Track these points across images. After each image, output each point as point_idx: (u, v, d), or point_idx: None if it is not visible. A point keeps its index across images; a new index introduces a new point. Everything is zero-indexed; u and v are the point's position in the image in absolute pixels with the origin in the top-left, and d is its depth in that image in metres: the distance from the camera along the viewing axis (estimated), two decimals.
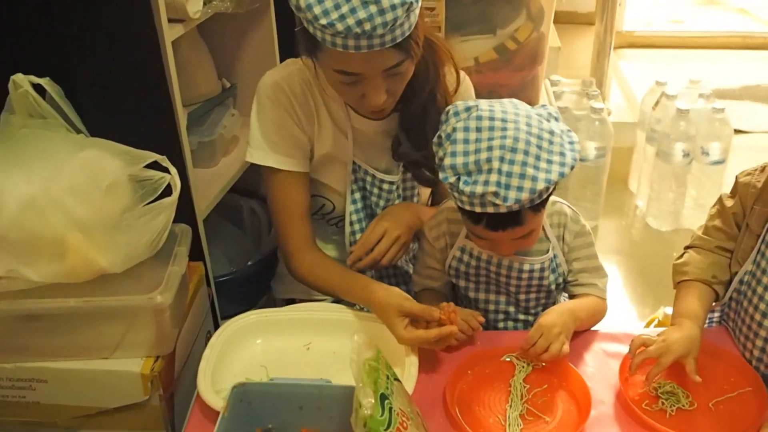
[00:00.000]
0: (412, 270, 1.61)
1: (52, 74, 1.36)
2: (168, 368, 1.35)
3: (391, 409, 1.05)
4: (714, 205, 1.48)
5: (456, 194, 1.23)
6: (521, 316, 1.46)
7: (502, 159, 1.18)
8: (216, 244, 1.85)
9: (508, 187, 1.17)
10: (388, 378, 1.09)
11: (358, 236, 1.55)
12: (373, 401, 1.02)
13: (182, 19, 1.49)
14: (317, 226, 1.61)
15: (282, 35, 1.99)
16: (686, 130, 2.20)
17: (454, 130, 1.23)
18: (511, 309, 1.45)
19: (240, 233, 2.00)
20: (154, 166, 1.35)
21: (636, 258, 2.30)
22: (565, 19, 3.41)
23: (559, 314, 1.32)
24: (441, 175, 1.24)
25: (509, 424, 1.21)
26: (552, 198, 1.40)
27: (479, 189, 1.18)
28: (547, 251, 1.39)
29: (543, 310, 1.43)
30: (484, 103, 1.25)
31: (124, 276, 1.31)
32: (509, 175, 1.17)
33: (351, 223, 1.56)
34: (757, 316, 1.34)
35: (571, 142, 1.24)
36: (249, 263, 1.89)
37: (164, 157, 1.34)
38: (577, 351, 1.36)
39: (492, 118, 1.21)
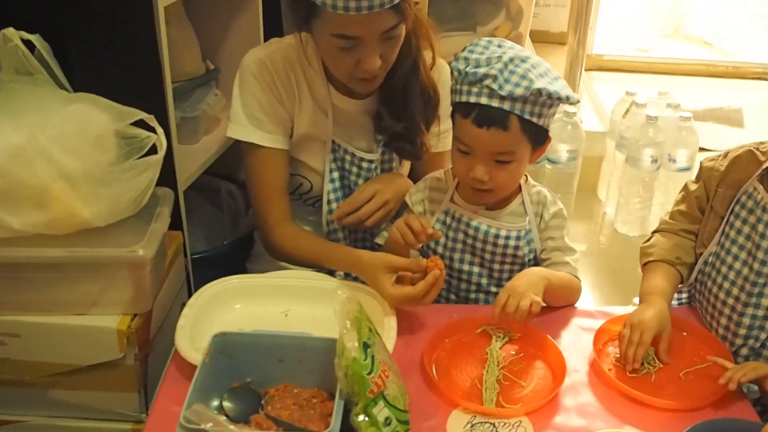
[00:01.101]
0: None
1: (42, 32, 1.36)
2: (144, 327, 1.34)
3: (373, 357, 1.06)
4: (680, 192, 1.54)
5: (458, 84, 1.32)
6: (493, 289, 1.48)
7: (511, 60, 1.29)
8: (193, 222, 1.85)
9: (507, 80, 1.27)
10: (370, 330, 1.11)
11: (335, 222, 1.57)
12: (357, 345, 1.03)
13: None
14: (294, 206, 1.62)
15: (267, 21, 2.02)
16: (654, 136, 2.27)
17: (484, 40, 1.36)
18: (484, 281, 1.48)
19: (217, 213, 2.01)
20: (141, 127, 1.35)
21: (604, 261, 2.35)
22: (538, 38, 3.49)
23: (525, 275, 1.36)
24: (453, 65, 1.34)
25: (486, 388, 1.23)
26: (533, 182, 1.48)
27: (482, 70, 1.28)
28: (524, 224, 1.43)
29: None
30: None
31: (106, 232, 1.30)
32: (512, 72, 1.28)
33: (328, 202, 1.57)
34: (722, 295, 1.39)
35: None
36: (225, 243, 1.88)
37: (152, 116, 1.35)
38: (552, 326, 1.39)
39: (513, 47, 1.34)
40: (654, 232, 1.55)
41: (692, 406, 1.21)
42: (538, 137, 1.36)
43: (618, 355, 1.31)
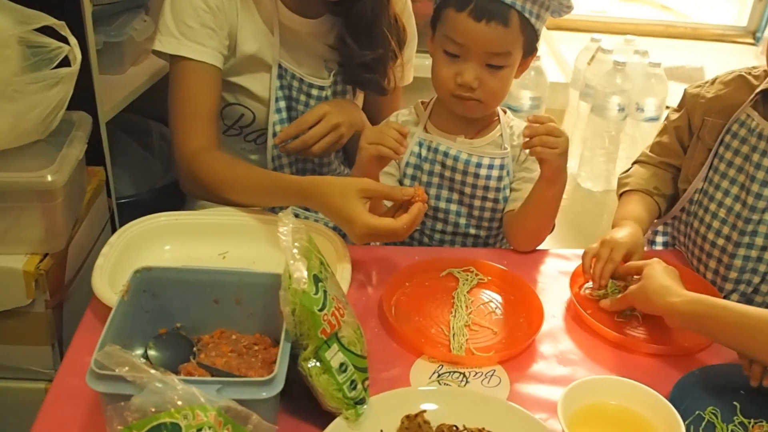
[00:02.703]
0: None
1: None
2: (57, 270, 1.15)
3: (325, 292, 0.89)
4: (663, 121, 1.42)
5: None
6: (472, 231, 1.34)
7: None
8: (120, 164, 1.66)
9: None
10: (321, 263, 0.94)
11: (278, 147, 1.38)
12: (306, 276, 0.86)
13: None
14: (232, 144, 1.44)
15: None
16: (622, 84, 2.16)
17: None
18: (462, 221, 1.33)
19: (148, 156, 1.81)
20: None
21: (567, 217, 2.23)
22: None
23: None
24: None
25: (454, 334, 1.08)
26: (512, 115, 1.36)
27: None
28: (506, 152, 1.30)
29: (491, 225, 1.34)
30: None
31: (10, 156, 1.11)
32: None
33: (274, 135, 1.38)
34: (710, 236, 1.26)
35: None
36: (156, 187, 1.69)
37: (62, 23, 1.15)
38: (524, 270, 1.25)
39: None
40: (634, 162, 1.44)
41: (683, 351, 1.09)
42: (531, 43, 1.23)
43: (597, 296, 1.18)
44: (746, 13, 3.68)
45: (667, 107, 2.46)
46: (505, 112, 1.35)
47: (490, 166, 1.28)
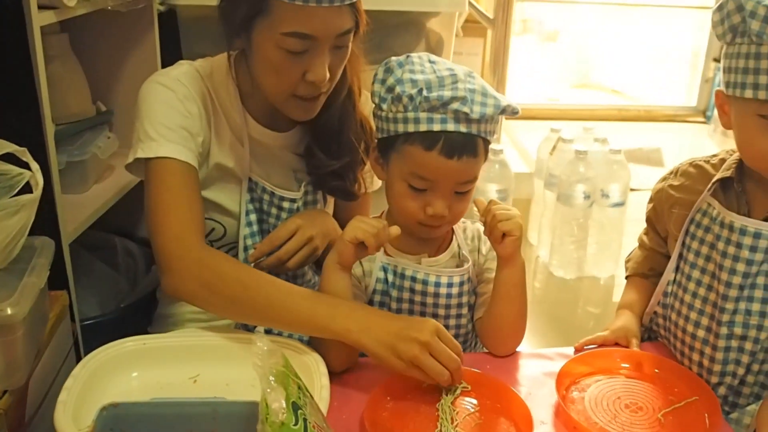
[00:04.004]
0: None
1: None
2: (17, 407, 1.08)
3: (305, 420, 0.85)
4: None
5: (409, 112, 1.14)
6: None
7: (467, 76, 1.16)
8: (85, 285, 1.61)
9: (473, 101, 1.13)
10: (300, 388, 0.90)
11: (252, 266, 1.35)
12: (285, 406, 0.82)
13: (55, 6, 1.31)
14: None
15: (165, 59, 1.84)
16: (585, 172, 2.19)
17: (408, 57, 1.19)
18: None
19: (113, 274, 1.76)
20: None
21: (543, 307, 2.22)
22: None
23: None
24: (398, 89, 1.14)
25: None
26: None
27: (447, 93, 1.12)
28: (468, 267, 1.27)
29: (466, 337, 1.30)
30: None
31: None
32: (472, 91, 1.14)
33: (245, 249, 1.36)
34: (690, 328, 1.25)
35: None
36: (121, 306, 1.64)
37: (24, 149, 1.12)
38: (508, 373, 1.22)
39: (442, 60, 1.21)
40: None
41: None
42: (487, 154, 1.22)
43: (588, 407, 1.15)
44: (694, 94, 3.82)
45: (632, 189, 2.50)
46: None
47: (461, 283, 1.25)
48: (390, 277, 1.25)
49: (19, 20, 1.23)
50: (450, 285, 1.24)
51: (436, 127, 1.13)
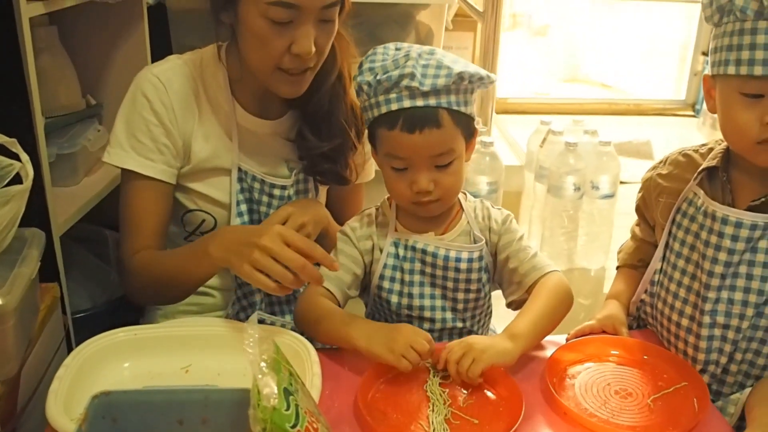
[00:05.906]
0: None
1: None
2: (9, 398, 1.08)
3: (297, 406, 0.85)
4: None
5: (372, 98, 1.19)
6: (459, 324, 1.31)
7: (420, 55, 1.19)
8: (76, 278, 1.60)
9: (424, 75, 1.16)
10: (291, 375, 0.90)
11: None
12: (276, 392, 0.82)
13: None
14: None
15: (155, 51, 1.83)
16: (575, 164, 2.19)
17: (375, 48, 1.23)
18: (449, 315, 1.30)
19: (103, 266, 1.75)
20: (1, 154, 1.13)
21: None
22: None
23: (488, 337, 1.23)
24: (359, 79, 1.21)
25: (434, 429, 1.04)
26: (471, 197, 1.36)
27: (395, 73, 1.16)
28: (480, 245, 1.29)
29: (475, 314, 1.32)
30: None
31: None
32: (426, 66, 1.17)
33: None
34: (674, 316, 1.26)
35: None
36: (113, 299, 1.63)
37: (13, 140, 1.12)
38: None
39: (411, 45, 1.24)
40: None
41: None
42: (469, 127, 1.24)
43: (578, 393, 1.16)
44: (683, 87, 3.84)
45: (622, 182, 2.51)
46: (465, 196, 1.35)
47: (470, 260, 1.27)
48: (401, 252, 1.28)
49: (8, 12, 1.23)
50: (458, 260, 1.26)
51: (394, 107, 1.18)
